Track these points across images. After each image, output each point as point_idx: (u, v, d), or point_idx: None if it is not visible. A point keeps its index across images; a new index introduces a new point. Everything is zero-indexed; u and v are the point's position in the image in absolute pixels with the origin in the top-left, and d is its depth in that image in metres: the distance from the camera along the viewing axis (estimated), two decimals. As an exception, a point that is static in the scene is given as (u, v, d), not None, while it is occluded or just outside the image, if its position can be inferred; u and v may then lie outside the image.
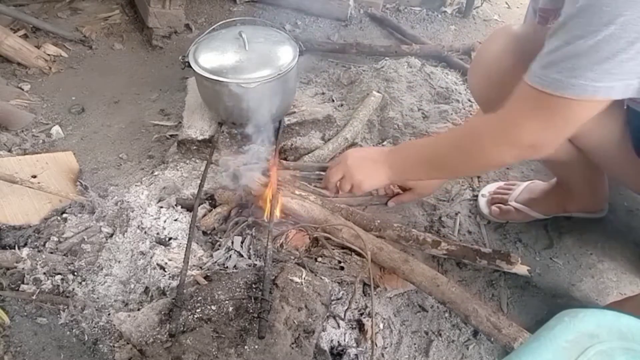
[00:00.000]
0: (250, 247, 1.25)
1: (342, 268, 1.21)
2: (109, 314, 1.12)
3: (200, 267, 1.19)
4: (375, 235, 1.28)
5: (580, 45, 0.75)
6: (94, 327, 1.11)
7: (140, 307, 1.12)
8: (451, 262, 1.33)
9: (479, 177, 1.63)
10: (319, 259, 1.21)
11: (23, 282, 1.18)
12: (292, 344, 0.99)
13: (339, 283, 1.21)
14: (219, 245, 1.26)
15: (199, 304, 1.03)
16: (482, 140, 0.95)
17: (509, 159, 0.97)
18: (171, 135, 1.72)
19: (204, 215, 1.34)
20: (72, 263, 1.22)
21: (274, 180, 1.31)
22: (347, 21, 2.49)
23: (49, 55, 2.05)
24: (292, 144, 1.62)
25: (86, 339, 1.10)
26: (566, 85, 0.78)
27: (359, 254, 1.22)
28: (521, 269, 1.21)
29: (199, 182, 1.37)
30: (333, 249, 1.22)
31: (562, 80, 0.78)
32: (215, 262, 1.21)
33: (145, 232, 1.27)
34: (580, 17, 0.75)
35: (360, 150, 1.32)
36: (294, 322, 1.02)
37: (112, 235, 1.29)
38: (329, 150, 1.63)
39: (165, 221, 1.31)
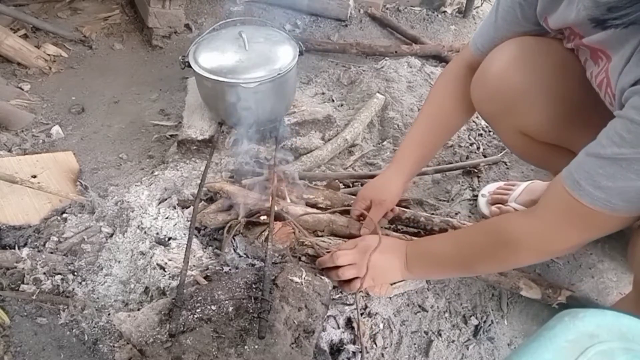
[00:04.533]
0: (248, 247, 1.25)
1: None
2: (109, 314, 1.12)
3: (200, 267, 1.19)
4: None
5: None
6: (94, 327, 1.11)
7: (140, 307, 1.12)
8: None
9: (478, 177, 1.63)
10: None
11: (23, 282, 1.17)
12: (292, 344, 0.99)
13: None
14: (219, 247, 1.26)
15: (199, 304, 1.03)
16: (518, 245, 0.93)
17: (534, 262, 0.95)
18: (171, 135, 1.72)
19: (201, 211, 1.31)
20: (72, 263, 1.22)
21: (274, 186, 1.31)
22: (347, 21, 2.49)
23: (49, 55, 2.06)
24: (292, 144, 1.62)
25: (86, 339, 1.10)
26: (619, 207, 0.78)
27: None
28: None
29: (198, 182, 1.37)
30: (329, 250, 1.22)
31: (615, 202, 0.78)
32: (216, 262, 1.21)
33: (145, 232, 1.27)
34: None
35: (375, 239, 1.16)
36: (294, 322, 1.02)
37: (112, 235, 1.29)
38: (329, 150, 1.63)
39: (165, 221, 1.31)
